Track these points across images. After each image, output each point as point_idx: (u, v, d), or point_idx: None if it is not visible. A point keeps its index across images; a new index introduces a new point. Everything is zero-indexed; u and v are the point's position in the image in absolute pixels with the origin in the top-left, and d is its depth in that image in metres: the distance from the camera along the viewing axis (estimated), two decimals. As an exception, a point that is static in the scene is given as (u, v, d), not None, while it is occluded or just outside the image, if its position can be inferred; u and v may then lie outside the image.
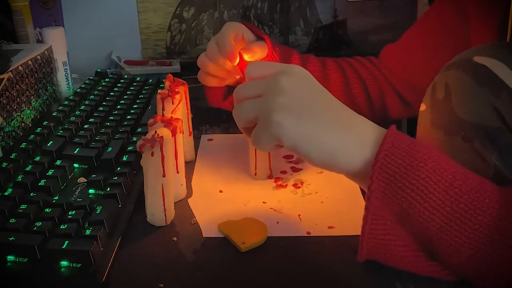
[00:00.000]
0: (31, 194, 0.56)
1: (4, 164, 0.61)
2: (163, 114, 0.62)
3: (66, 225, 0.51)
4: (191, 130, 0.72)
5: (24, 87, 0.76)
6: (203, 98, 1.00)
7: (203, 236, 0.56)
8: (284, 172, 0.69)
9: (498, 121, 0.49)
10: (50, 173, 0.60)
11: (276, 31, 1.27)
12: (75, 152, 0.65)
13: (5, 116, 0.70)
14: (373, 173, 0.45)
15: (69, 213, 0.53)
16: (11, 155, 0.63)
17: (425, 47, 0.79)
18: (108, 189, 0.58)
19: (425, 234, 0.45)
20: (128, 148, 0.67)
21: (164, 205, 0.56)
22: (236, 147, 0.77)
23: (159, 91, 0.66)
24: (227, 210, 0.60)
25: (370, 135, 0.47)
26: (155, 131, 0.55)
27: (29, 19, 1.00)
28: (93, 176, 0.61)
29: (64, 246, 0.47)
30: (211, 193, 0.64)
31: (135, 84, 0.93)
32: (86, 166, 0.64)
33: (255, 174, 0.68)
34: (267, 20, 1.26)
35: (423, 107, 0.57)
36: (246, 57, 0.68)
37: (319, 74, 0.80)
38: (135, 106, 0.82)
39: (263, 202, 0.62)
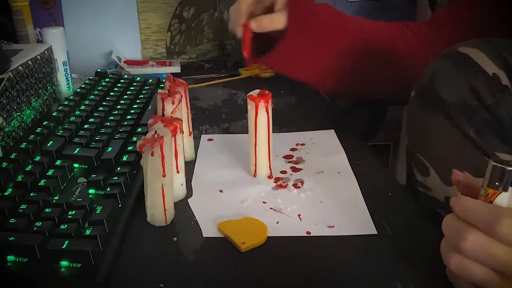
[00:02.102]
0: (31, 194, 0.56)
1: (4, 164, 0.61)
2: (163, 114, 0.62)
3: (66, 225, 0.51)
4: (191, 130, 0.72)
5: (24, 87, 0.76)
6: (203, 98, 1.00)
7: (203, 236, 0.56)
8: (284, 172, 0.69)
9: (474, 100, 0.56)
10: (50, 173, 0.60)
11: (276, 31, 1.27)
12: (75, 152, 0.65)
13: (5, 116, 0.70)
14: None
15: (69, 213, 0.53)
16: (11, 155, 0.63)
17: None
18: (108, 189, 0.58)
19: None
20: (128, 148, 0.67)
21: (164, 205, 0.56)
22: (236, 147, 0.77)
23: (159, 91, 0.66)
24: (227, 210, 0.60)
25: None
26: (155, 131, 0.55)
27: (29, 19, 1.00)
28: (93, 176, 0.61)
29: (64, 246, 0.47)
30: (211, 193, 0.64)
31: (135, 84, 0.93)
32: (86, 166, 0.64)
33: (255, 175, 0.68)
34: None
35: (412, 93, 0.63)
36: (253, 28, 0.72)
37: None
38: (135, 106, 0.82)
39: (263, 202, 0.62)
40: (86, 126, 0.74)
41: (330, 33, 0.77)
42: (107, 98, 0.85)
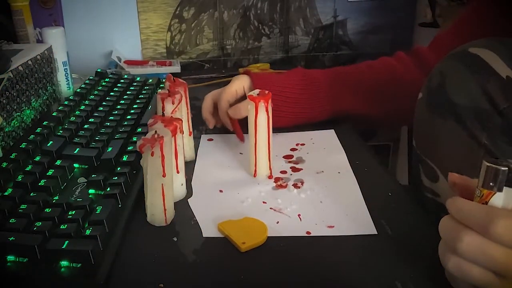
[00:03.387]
0: (31, 194, 0.56)
1: (4, 164, 0.61)
2: (163, 114, 0.62)
3: (66, 225, 0.51)
4: (191, 130, 0.72)
5: (24, 87, 0.76)
6: (203, 98, 1.00)
7: (203, 236, 0.56)
8: (284, 172, 0.69)
9: (487, 104, 0.53)
10: (50, 173, 0.60)
11: (276, 31, 1.27)
12: (75, 152, 0.65)
13: (5, 116, 0.70)
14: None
15: (69, 213, 0.53)
16: (11, 155, 0.63)
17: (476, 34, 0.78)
18: (108, 189, 0.58)
19: None
20: (128, 148, 0.67)
21: (164, 205, 0.56)
22: (236, 147, 0.77)
23: (159, 91, 0.66)
24: (227, 210, 0.60)
25: None
26: (155, 131, 0.55)
27: (29, 19, 1.00)
28: (93, 176, 0.61)
29: (64, 246, 0.47)
30: (211, 193, 0.64)
31: (135, 84, 0.93)
32: (86, 166, 0.64)
33: (255, 175, 0.68)
34: (267, 20, 1.26)
35: (420, 95, 0.61)
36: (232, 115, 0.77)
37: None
38: (135, 106, 0.82)
39: (263, 202, 0.62)
40: (86, 126, 0.74)
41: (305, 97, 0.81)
42: (107, 98, 0.85)
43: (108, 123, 0.75)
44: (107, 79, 0.94)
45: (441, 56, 0.81)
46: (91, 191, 0.59)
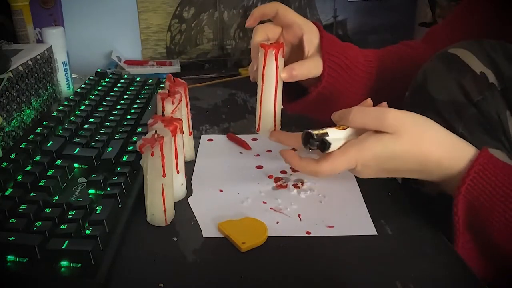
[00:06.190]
0: (31, 194, 0.56)
1: (4, 164, 0.61)
2: (163, 114, 0.62)
3: (66, 225, 0.51)
4: (191, 130, 0.72)
5: (24, 87, 0.76)
6: (203, 98, 1.00)
7: (203, 236, 0.56)
8: (284, 172, 0.69)
9: (463, 97, 0.59)
10: (50, 173, 0.60)
11: (276, 31, 1.27)
12: (75, 152, 0.65)
13: (5, 116, 0.70)
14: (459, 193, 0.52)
15: (69, 213, 0.53)
16: (11, 155, 0.63)
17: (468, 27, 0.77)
18: (108, 189, 0.58)
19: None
20: (128, 148, 0.67)
21: (164, 205, 0.56)
22: (236, 147, 0.77)
23: (159, 91, 0.66)
24: (227, 210, 0.60)
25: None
26: (155, 131, 0.55)
27: (29, 19, 1.00)
28: (93, 176, 0.61)
29: (64, 246, 0.47)
30: (211, 193, 0.64)
31: (135, 84, 0.93)
32: (86, 166, 0.64)
33: (258, 129, 0.64)
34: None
35: (406, 94, 0.66)
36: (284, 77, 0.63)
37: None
38: (135, 106, 0.82)
39: (263, 202, 0.62)
40: (86, 126, 0.74)
41: (361, 71, 0.74)
42: (107, 98, 0.85)
43: (108, 123, 0.75)
44: (107, 79, 0.94)
45: (434, 47, 0.80)
46: (91, 191, 0.59)
